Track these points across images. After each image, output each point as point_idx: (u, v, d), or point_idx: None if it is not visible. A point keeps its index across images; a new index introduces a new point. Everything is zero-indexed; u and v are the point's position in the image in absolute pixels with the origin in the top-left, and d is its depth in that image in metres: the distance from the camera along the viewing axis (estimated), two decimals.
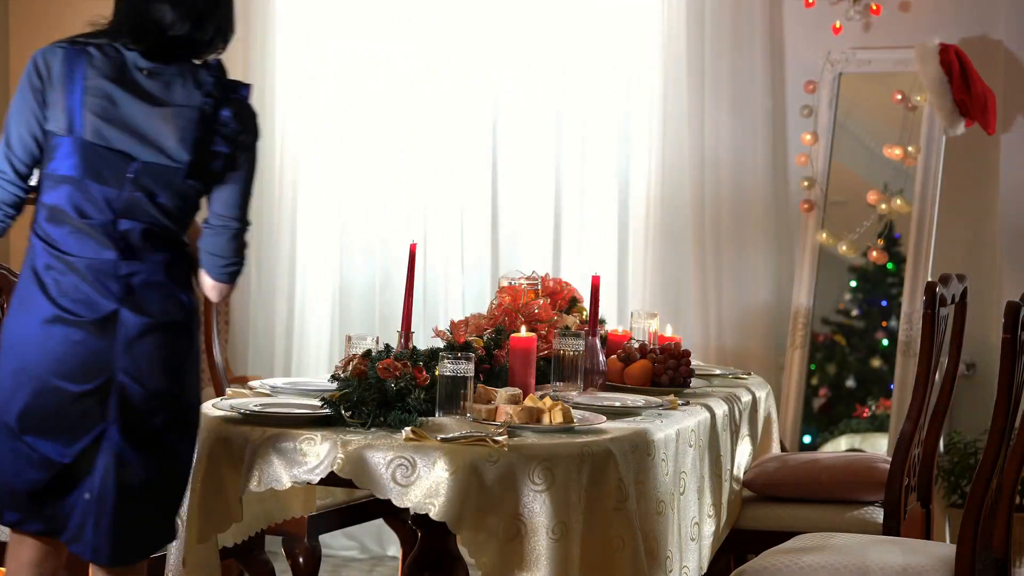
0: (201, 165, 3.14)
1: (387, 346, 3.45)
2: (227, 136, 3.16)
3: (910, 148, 5.49)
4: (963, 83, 5.31)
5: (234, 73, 3.37)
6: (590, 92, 5.81)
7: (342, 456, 3.07)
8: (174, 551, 3.32)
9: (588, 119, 5.82)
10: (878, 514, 4.08)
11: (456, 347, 3.38)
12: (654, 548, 3.27)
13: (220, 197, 3.18)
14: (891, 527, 4.01)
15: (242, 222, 3.19)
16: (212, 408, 3.40)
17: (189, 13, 3.17)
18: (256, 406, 3.37)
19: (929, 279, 5.12)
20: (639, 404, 3.59)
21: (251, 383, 3.81)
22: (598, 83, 5.81)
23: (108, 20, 3.27)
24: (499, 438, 3.07)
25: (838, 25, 5.59)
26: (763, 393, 4.32)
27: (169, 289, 3.15)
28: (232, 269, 3.20)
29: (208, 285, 3.20)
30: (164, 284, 3.15)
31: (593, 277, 3.87)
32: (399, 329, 3.67)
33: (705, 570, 3.69)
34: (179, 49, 3.18)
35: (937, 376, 4.13)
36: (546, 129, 5.86)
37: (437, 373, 3.29)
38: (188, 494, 3.25)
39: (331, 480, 3.13)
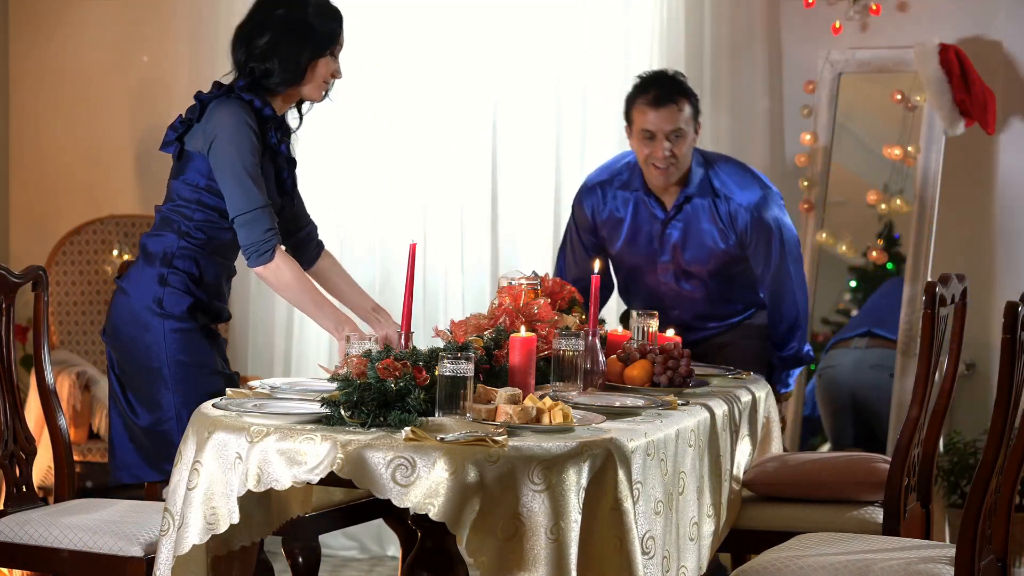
0: None
1: (387, 346, 3.45)
2: None
3: (910, 148, 5.49)
4: (963, 83, 5.31)
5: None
6: (589, 92, 5.82)
7: (342, 456, 3.07)
8: (164, 551, 3.31)
9: (587, 119, 5.83)
10: (878, 514, 4.08)
11: (456, 347, 3.38)
12: (652, 548, 3.27)
13: None
14: (891, 527, 4.01)
15: None
16: (212, 408, 3.40)
17: None
18: (256, 406, 3.37)
19: (929, 279, 5.12)
20: (639, 404, 3.59)
21: (251, 383, 3.81)
22: (597, 83, 5.81)
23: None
24: (499, 438, 3.07)
25: (837, 25, 5.60)
26: (763, 393, 4.32)
27: None
28: None
29: None
30: None
31: (593, 277, 3.87)
32: (399, 329, 3.67)
33: (704, 570, 3.69)
34: None
35: (937, 376, 4.13)
36: (546, 129, 5.86)
37: (437, 373, 3.29)
38: (184, 494, 3.26)
39: (331, 480, 3.12)
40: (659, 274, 4.77)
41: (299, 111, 4.02)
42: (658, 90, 4.59)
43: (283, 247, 3.78)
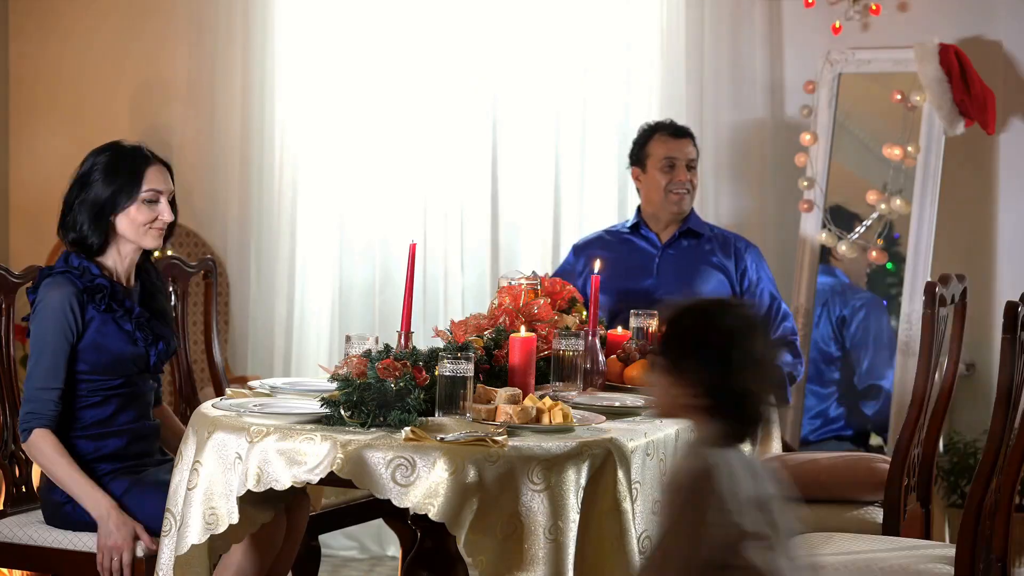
0: None
1: (387, 346, 3.44)
2: None
3: (910, 148, 5.49)
4: (963, 83, 5.31)
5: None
6: (589, 91, 5.81)
7: (342, 456, 3.07)
8: (166, 551, 3.31)
9: (587, 118, 5.82)
10: (878, 514, 4.08)
11: (456, 347, 3.38)
12: (649, 548, 3.27)
13: None
14: (891, 527, 4.01)
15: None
16: (212, 408, 3.40)
17: None
18: (256, 406, 3.37)
19: (929, 279, 5.12)
20: (638, 404, 3.59)
21: (251, 383, 3.80)
22: (597, 82, 5.80)
23: None
24: (498, 438, 3.07)
25: (837, 25, 5.59)
26: None
27: None
28: None
29: None
30: None
31: (593, 277, 3.87)
32: (399, 329, 3.67)
33: None
34: None
35: (937, 376, 4.13)
36: (546, 128, 5.85)
37: (437, 373, 3.29)
38: (184, 494, 3.26)
39: (331, 480, 3.13)
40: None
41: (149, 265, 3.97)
42: (674, 125, 4.98)
43: (47, 429, 3.70)
